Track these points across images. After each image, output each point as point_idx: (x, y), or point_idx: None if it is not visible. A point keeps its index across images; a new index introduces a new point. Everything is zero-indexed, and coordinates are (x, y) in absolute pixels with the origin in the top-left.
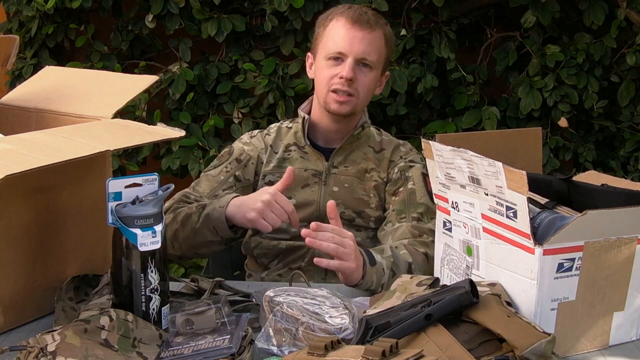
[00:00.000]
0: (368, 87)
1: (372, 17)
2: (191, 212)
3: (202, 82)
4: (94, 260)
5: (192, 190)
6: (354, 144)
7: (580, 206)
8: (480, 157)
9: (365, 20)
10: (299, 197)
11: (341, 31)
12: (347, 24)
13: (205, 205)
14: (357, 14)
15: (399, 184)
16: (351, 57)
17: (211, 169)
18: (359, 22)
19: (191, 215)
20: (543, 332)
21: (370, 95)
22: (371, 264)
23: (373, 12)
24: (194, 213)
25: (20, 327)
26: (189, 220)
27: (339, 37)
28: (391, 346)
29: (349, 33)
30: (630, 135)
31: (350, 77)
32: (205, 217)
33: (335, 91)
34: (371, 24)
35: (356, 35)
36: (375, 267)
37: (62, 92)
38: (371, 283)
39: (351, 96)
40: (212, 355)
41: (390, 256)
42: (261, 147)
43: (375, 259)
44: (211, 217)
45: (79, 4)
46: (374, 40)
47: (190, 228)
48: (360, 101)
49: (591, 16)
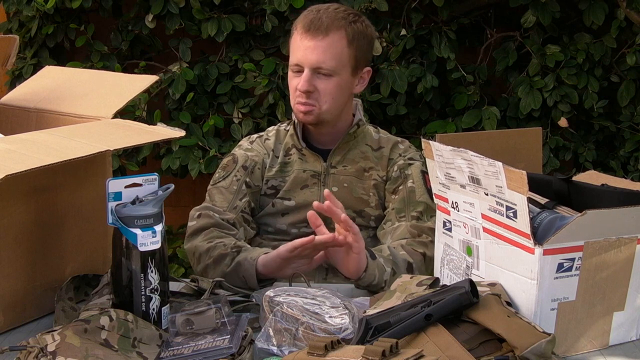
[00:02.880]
0: (332, 94)
1: (326, 20)
2: (226, 252)
3: (202, 82)
4: (94, 260)
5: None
6: (351, 142)
7: (580, 206)
8: (480, 157)
9: (317, 27)
10: (299, 198)
11: (297, 41)
12: (301, 34)
13: (240, 250)
14: (310, 20)
15: (398, 182)
16: (307, 68)
17: (220, 181)
18: (310, 30)
19: (225, 257)
20: (543, 332)
21: (342, 98)
22: (372, 257)
23: (334, 12)
24: (228, 255)
25: (20, 327)
26: (222, 261)
27: (295, 47)
28: (391, 346)
29: (302, 43)
30: (630, 135)
31: (305, 89)
32: (237, 264)
33: (298, 103)
34: (323, 29)
35: (308, 46)
36: (375, 261)
37: (62, 92)
38: (373, 277)
39: (312, 106)
40: (212, 355)
41: (389, 255)
42: (264, 152)
43: (375, 254)
44: (242, 267)
45: (79, 4)
46: (329, 47)
47: (220, 270)
48: (326, 109)
49: (591, 16)
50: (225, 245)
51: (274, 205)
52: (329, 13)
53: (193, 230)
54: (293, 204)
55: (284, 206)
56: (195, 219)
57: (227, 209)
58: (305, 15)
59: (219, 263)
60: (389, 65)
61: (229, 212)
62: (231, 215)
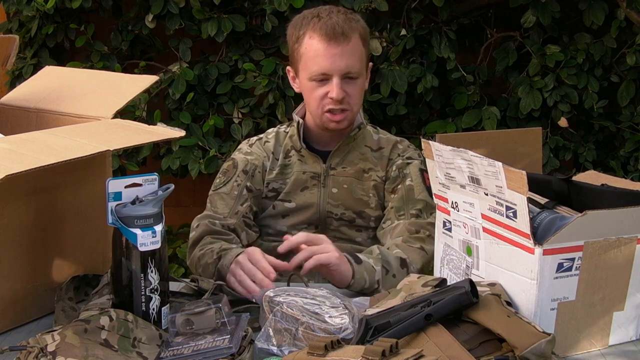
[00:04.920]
0: (359, 96)
1: (344, 25)
2: (211, 261)
3: (202, 82)
4: (94, 260)
5: (212, 212)
6: (351, 144)
7: (580, 206)
8: (480, 157)
9: (340, 33)
10: (299, 199)
11: (319, 51)
12: (323, 42)
13: (220, 256)
14: (330, 27)
15: (397, 182)
16: (336, 76)
17: (221, 187)
18: (334, 37)
19: (209, 267)
20: (543, 332)
21: (363, 97)
22: (357, 262)
23: (344, 17)
24: (211, 264)
25: (20, 327)
26: (208, 270)
27: (318, 57)
28: (391, 346)
29: (328, 52)
30: (630, 135)
31: (341, 98)
32: (218, 272)
33: (330, 111)
34: (346, 34)
35: (335, 53)
36: (362, 264)
37: (62, 92)
38: (364, 281)
39: (346, 111)
40: (212, 355)
41: (378, 254)
42: (264, 155)
43: (360, 257)
44: (220, 274)
45: (79, 4)
46: (354, 50)
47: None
48: (356, 111)
49: (591, 16)
50: (212, 251)
51: (274, 208)
52: (339, 17)
53: (192, 242)
54: (293, 205)
55: (284, 208)
56: (195, 229)
57: (229, 215)
58: (316, 23)
59: (206, 271)
60: (389, 65)
61: (231, 218)
62: (233, 220)
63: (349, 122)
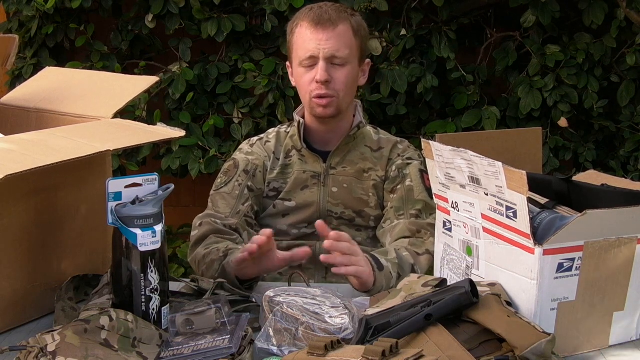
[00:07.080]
0: (346, 83)
1: (333, 13)
2: (217, 257)
3: (202, 82)
4: (94, 260)
5: (214, 212)
6: (351, 144)
7: (580, 206)
8: (480, 157)
9: (327, 19)
10: (299, 199)
11: (307, 35)
12: (310, 27)
13: (227, 253)
14: (318, 14)
15: (396, 182)
16: (322, 59)
17: (223, 187)
18: (320, 22)
19: (214, 264)
20: (543, 332)
21: (354, 88)
22: (379, 269)
23: (335, 7)
24: (217, 260)
25: (20, 327)
26: (212, 267)
27: (305, 41)
28: (391, 346)
29: (314, 35)
30: (630, 135)
31: (324, 79)
32: (222, 269)
33: (317, 96)
34: (333, 21)
35: (321, 37)
36: (383, 271)
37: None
38: (381, 287)
39: (332, 97)
40: (212, 355)
41: (395, 258)
42: (264, 155)
43: (382, 262)
44: (226, 271)
45: (79, 4)
46: (340, 36)
47: (211, 276)
48: (343, 99)
49: (591, 16)
50: (218, 250)
51: (275, 207)
52: (330, 8)
53: (195, 240)
54: (293, 204)
55: (284, 207)
56: (197, 228)
57: (230, 215)
58: (307, 13)
59: (210, 269)
60: (389, 65)
61: (232, 218)
62: (234, 220)
63: (336, 109)
